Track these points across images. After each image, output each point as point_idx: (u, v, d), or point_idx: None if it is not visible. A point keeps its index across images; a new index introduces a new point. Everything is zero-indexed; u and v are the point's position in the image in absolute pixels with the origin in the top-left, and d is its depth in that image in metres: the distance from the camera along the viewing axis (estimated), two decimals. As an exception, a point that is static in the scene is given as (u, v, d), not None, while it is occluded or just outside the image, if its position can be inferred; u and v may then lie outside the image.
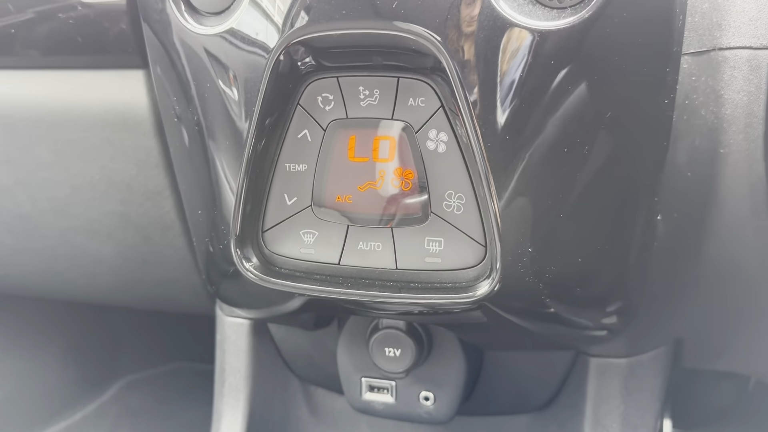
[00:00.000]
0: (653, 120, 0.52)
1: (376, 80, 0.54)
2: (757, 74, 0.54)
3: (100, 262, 0.84)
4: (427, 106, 0.53)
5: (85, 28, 0.68)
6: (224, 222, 0.59)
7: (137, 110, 0.70)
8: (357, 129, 0.55)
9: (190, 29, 0.56)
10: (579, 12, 0.47)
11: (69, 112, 0.72)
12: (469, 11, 0.48)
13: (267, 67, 0.52)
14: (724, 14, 0.54)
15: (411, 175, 0.55)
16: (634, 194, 0.54)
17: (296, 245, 0.59)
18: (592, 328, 0.63)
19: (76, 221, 0.80)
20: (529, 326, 0.61)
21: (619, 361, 0.72)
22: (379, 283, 0.57)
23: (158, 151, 0.71)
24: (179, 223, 0.76)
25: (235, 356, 0.84)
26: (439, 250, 0.56)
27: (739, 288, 0.66)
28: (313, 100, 0.55)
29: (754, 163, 0.56)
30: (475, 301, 0.54)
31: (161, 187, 0.74)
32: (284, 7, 0.51)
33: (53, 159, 0.75)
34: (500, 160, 0.50)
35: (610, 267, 0.57)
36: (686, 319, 0.70)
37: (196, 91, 0.57)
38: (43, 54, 0.72)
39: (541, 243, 0.53)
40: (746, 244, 0.61)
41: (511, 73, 0.49)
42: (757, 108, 0.54)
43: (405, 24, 0.49)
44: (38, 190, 0.78)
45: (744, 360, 0.79)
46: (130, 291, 0.90)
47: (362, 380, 0.75)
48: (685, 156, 0.56)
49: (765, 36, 0.53)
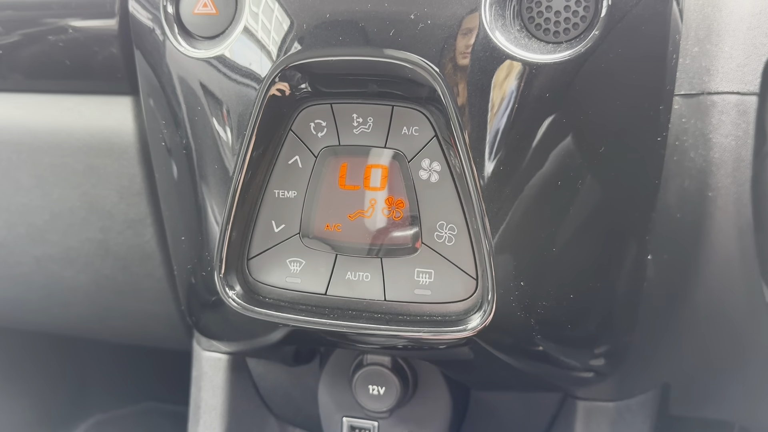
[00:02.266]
0: (646, 157, 0.52)
1: (370, 108, 0.53)
2: (745, 119, 0.55)
3: (74, 291, 0.81)
4: (420, 135, 0.53)
5: (74, 52, 0.68)
6: (208, 249, 0.58)
7: (123, 136, 0.69)
8: (349, 156, 0.55)
9: (183, 53, 0.55)
10: (575, 47, 0.48)
11: (52, 136, 0.71)
12: (466, 42, 0.48)
13: (260, 92, 0.52)
14: (713, 60, 0.55)
15: (402, 204, 0.55)
16: (627, 230, 0.54)
17: (282, 274, 0.58)
18: (581, 369, 0.62)
19: (52, 248, 0.78)
20: (518, 364, 0.60)
21: (606, 404, 0.71)
22: (367, 315, 0.56)
23: (141, 179, 0.70)
24: (159, 252, 0.75)
25: (211, 393, 0.81)
26: (429, 282, 0.55)
27: (727, 332, 0.66)
28: (306, 126, 0.55)
29: (742, 207, 0.56)
30: (466, 336, 0.52)
31: (143, 215, 0.72)
32: (280, 32, 0.51)
33: (33, 184, 0.74)
34: (494, 191, 0.50)
35: (601, 305, 0.56)
36: (675, 363, 0.69)
37: (187, 114, 0.56)
38: (28, 77, 0.71)
39: (533, 277, 0.52)
40: (735, 288, 0.61)
41: (506, 104, 0.49)
42: (745, 152, 0.55)
43: (401, 52, 0.49)
44: (15, 215, 0.76)
45: (730, 407, 0.79)
46: (104, 322, 0.88)
47: (344, 420, 0.73)
48: (675, 197, 0.57)
49: (752, 82, 0.54)
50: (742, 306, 0.62)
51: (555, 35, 0.48)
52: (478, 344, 0.55)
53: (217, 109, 0.55)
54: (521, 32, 0.49)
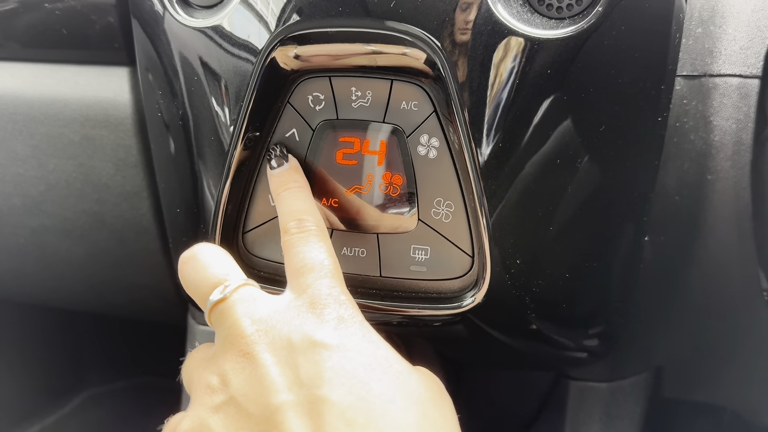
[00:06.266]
0: (646, 138, 0.51)
1: (369, 82, 0.53)
2: (747, 102, 0.54)
3: (70, 264, 0.81)
4: (419, 111, 0.53)
5: (71, 21, 0.67)
6: (204, 221, 0.58)
7: (119, 108, 0.68)
8: (347, 131, 0.54)
9: (181, 22, 0.55)
10: (578, 23, 0.47)
11: (49, 106, 0.70)
12: (467, 16, 0.48)
13: (258, 63, 0.51)
14: (716, 42, 0.54)
15: (400, 180, 0.54)
16: (624, 211, 0.54)
17: (277, 248, 0.57)
18: (575, 348, 0.62)
19: (48, 220, 0.77)
20: (512, 342, 0.60)
21: (599, 385, 0.71)
22: (362, 291, 0.56)
23: (138, 151, 0.70)
24: (155, 225, 0.74)
25: (205, 367, 0.81)
26: (424, 259, 0.55)
27: (721, 317, 0.66)
28: (304, 99, 0.54)
29: (741, 191, 0.56)
30: (460, 313, 0.52)
31: (139, 188, 0.72)
32: (279, 2, 0.51)
33: (29, 154, 0.73)
34: (492, 168, 0.50)
35: (597, 285, 0.56)
36: (668, 346, 0.70)
37: (184, 86, 0.56)
38: (25, 46, 0.70)
39: (529, 255, 0.52)
40: (731, 273, 0.61)
41: (507, 80, 0.48)
42: (745, 136, 0.55)
43: (401, 25, 0.48)
44: (11, 185, 0.76)
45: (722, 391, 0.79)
46: (99, 295, 0.87)
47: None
48: (674, 179, 0.56)
49: (755, 65, 0.54)
50: (737, 291, 0.62)
51: (558, 11, 0.48)
52: (472, 321, 0.55)
53: (214, 80, 0.54)
54: (524, 7, 0.48)
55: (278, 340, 0.41)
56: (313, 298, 0.43)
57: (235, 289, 0.45)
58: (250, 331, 0.42)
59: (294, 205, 0.50)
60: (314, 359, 0.40)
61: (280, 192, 0.52)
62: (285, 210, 0.50)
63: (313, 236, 0.47)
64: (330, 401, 0.38)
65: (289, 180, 0.53)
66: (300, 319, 0.42)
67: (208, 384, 0.42)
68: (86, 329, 1.30)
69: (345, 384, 0.39)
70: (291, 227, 0.48)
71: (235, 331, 0.42)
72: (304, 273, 0.45)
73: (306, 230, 0.48)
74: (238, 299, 0.44)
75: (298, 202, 0.51)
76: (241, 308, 0.43)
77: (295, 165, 0.54)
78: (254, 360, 0.41)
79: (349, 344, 0.41)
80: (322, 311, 0.43)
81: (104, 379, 1.35)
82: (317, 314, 0.43)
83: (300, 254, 0.46)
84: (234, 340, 0.42)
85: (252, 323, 0.42)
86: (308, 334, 0.41)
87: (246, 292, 0.45)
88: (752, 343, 0.68)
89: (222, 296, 0.44)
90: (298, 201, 0.51)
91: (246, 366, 0.41)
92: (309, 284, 0.44)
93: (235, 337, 0.42)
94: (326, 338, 0.41)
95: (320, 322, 0.42)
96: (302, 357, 0.40)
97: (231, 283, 0.45)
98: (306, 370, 0.39)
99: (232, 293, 0.44)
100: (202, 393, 0.42)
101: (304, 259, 0.46)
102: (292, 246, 0.47)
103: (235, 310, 0.43)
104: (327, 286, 0.44)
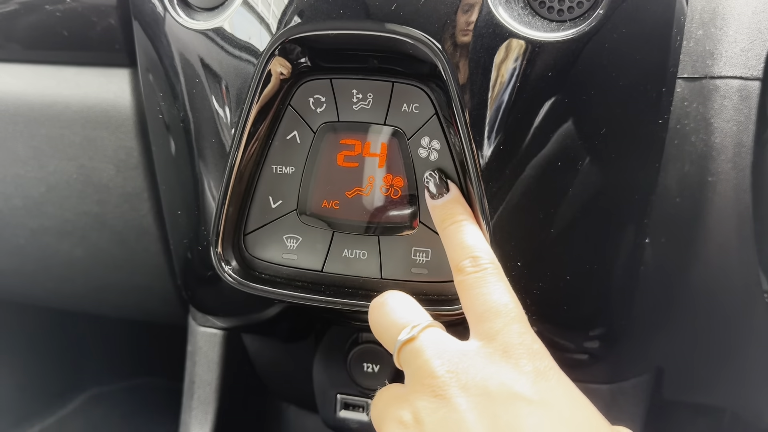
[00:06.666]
0: (647, 140, 0.51)
1: (370, 84, 0.53)
2: (747, 104, 0.54)
3: (70, 265, 0.81)
4: (421, 113, 0.53)
5: (73, 22, 0.67)
6: (205, 223, 0.58)
7: (120, 109, 0.68)
8: (348, 133, 0.54)
9: (182, 24, 0.55)
10: (579, 25, 0.47)
11: (49, 107, 0.70)
12: (468, 18, 0.48)
13: (259, 65, 0.52)
14: (717, 44, 0.55)
15: (401, 182, 0.54)
16: (625, 213, 0.54)
17: (279, 250, 0.57)
18: (575, 350, 0.62)
19: (49, 221, 0.77)
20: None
21: (600, 387, 0.71)
22: (363, 293, 0.56)
23: (139, 152, 0.70)
24: (156, 227, 0.74)
25: (206, 368, 0.81)
26: (425, 261, 0.55)
27: (722, 319, 0.66)
28: (305, 101, 0.54)
29: (742, 193, 0.56)
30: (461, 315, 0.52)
31: (140, 189, 0.72)
32: (280, 5, 0.51)
33: (29, 155, 0.73)
34: (493, 170, 0.50)
35: (598, 287, 0.56)
36: (669, 348, 0.69)
37: (185, 88, 0.56)
38: (26, 47, 0.70)
39: (530, 257, 0.52)
40: (732, 275, 0.61)
41: (508, 83, 0.48)
42: (746, 138, 0.55)
43: (403, 27, 0.48)
44: (12, 186, 0.76)
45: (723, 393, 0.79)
46: (99, 296, 0.88)
47: (338, 397, 0.73)
48: (675, 181, 0.56)
49: (755, 67, 0.54)
50: (738, 293, 0.62)
51: (559, 13, 0.48)
52: (473, 324, 0.55)
53: (215, 82, 0.54)
54: (525, 9, 0.48)
55: (472, 386, 0.40)
56: (506, 346, 0.42)
57: (423, 329, 0.44)
58: (441, 372, 0.41)
59: (465, 241, 0.48)
60: (514, 412, 0.39)
61: (447, 226, 0.50)
62: (455, 246, 0.48)
63: (491, 276, 0.46)
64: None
65: (455, 212, 0.50)
66: (495, 367, 0.41)
67: (400, 420, 0.42)
68: (87, 330, 1.31)
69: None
70: (466, 266, 0.46)
71: (426, 371, 0.42)
72: (489, 318, 0.44)
73: (482, 269, 0.46)
74: (426, 339, 0.44)
75: (469, 237, 0.48)
76: (430, 348, 0.43)
77: (458, 195, 0.51)
78: (448, 403, 0.40)
79: (550, 400, 0.40)
80: (517, 361, 0.41)
81: (105, 380, 1.35)
82: (513, 364, 0.41)
83: (481, 296, 0.45)
84: (425, 380, 0.42)
85: (441, 364, 0.42)
86: (506, 384, 0.40)
87: (434, 333, 0.45)
88: (753, 344, 0.68)
89: (410, 336, 0.44)
90: (468, 236, 0.48)
91: (440, 407, 0.40)
92: (498, 330, 0.43)
93: (425, 377, 0.42)
94: (526, 391, 0.40)
95: (518, 374, 0.41)
96: (501, 408, 0.39)
97: (419, 324, 0.45)
98: (506, 421, 0.39)
99: (420, 333, 0.44)
100: (395, 428, 0.42)
101: (487, 302, 0.44)
102: (471, 288, 0.46)
103: (424, 350, 0.43)
104: (517, 333, 0.43)
